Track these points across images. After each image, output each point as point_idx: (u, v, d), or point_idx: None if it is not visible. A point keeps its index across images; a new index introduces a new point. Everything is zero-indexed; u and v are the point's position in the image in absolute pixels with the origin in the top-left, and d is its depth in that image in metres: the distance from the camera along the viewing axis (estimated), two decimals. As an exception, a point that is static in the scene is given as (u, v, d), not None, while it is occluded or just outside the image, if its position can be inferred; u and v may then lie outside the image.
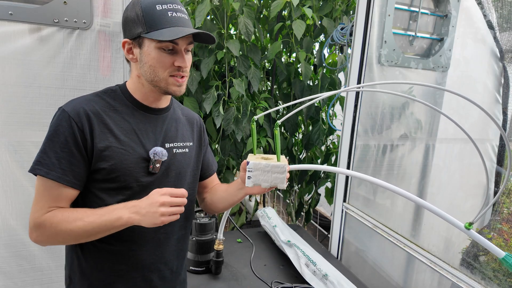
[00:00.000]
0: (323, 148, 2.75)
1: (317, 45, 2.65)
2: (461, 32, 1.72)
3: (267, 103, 2.43)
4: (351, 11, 2.47)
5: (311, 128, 2.68)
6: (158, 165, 0.95)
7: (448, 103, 1.70)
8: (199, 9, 2.01)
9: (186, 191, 0.88)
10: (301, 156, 2.85)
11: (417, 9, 1.73)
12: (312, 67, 2.63)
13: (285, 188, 0.95)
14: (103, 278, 0.97)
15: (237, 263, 1.66)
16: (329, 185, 2.72)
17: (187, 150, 1.05)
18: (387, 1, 1.69)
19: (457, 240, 1.46)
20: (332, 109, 2.63)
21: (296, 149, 2.80)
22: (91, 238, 0.88)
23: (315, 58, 2.53)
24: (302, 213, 2.90)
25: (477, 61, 1.66)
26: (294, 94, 2.56)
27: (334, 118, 2.69)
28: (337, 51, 2.57)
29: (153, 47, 0.89)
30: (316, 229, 3.70)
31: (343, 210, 1.96)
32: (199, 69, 2.18)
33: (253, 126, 0.95)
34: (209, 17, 2.26)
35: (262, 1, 2.55)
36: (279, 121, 0.94)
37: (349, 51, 2.01)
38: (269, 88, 2.74)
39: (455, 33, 1.73)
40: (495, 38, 1.54)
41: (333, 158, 2.67)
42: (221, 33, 2.22)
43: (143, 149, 0.94)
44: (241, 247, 1.84)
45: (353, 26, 1.84)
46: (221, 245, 1.50)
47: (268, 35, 2.65)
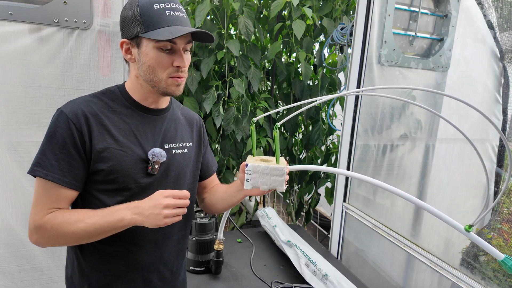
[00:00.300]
0: (323, 148, 2.75)
1: (317, 45, 2.65)
2: (461, 32, 1.71)
3: (267, 103, 2.43)
4: (351, 11, 2.47)
5: (311, 128, 2.68)
6: (157, 166, 0.95)
7: (448, 103, 1.70)
8: (199, 9, 2.01)
9: (188, 192, 0.88)
10: (301, 156, 2.85)
11: (417, 9, 1.73)
12: (312, 67, 2.63)
13: (284, 190, 0.95)
14: (102, 279, 0.97)
15: (237, 263, 1.66)
16: (329, 185, 2.72)
17: (186, 150, 1.05)
18: (387, 1, 1.69)
19: (457, 240, 1.46)
20: (332, 109, 2.63)
21: (296, 149, 2.80)
22: (93, 239, 0.88)
23: (315, 58, 2.52)
24: (302, 213, 2.90)
25: (477, 61, 1.66)
26: (294, 94, 2.56)
27: (334, 118, 2.69)
28: (337, 51, 2.57)
29: (151, 47, 0.89)
30: (316, 229, 3.70)
31: (343, 210, 1.96)
32: (199, 69, 2.17)
33: (253, 127, 0.94)
34: (209, 17, 2.26)
35: (262, 1, 2.54)
36: (279, 123, 0.93)
37: (349, 51, 2.01)
38: (269, 88, 2.74)
39: (455, 33, 1.73)
40: (495, 38, 1.54)
41: (333, 158, 2.67)
42: (221, 33, 2.22)
43: (141, 150, 0.94)
44: (241, 247, 1.84)
45: (353, 26, 1.84)
46: (221, 245, 1.50)
47: (268, 35, 2.65)
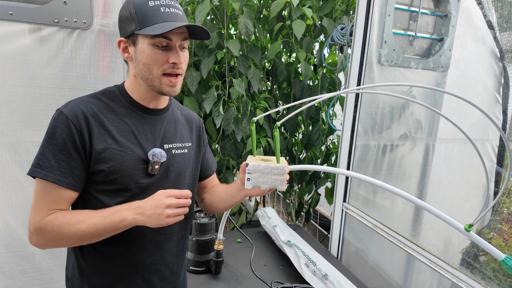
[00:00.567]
0: (323, 148, 2.75)
1: (317, 45, 2.65)
2: (461, 32, 1.72)
3: (267, 103, 2.43)
4: (351, 11, 2.47)
5: (311, 128, 2.68)
6: (157, 167, 0.95)
7: (448, 103, 1.70)
8: (199, 9, 2.01)
9: (190, 192, 0.88)
10: (301, 156, 2.85)
11: (417, 9, 1.73)
12: (312, 67, 2.63)
13: (284, 190, 0.95)
14: (103, 279, 0.96)
15: (237, 263, 1.66)
16: (329, 185, 2.72)
17: (186, 150, 1.05)
18: (387, 1, 1.69)
19: (457, 240, 1.46)
20: (332, 109, 2.63)
21: (296, 149, 2.80)
22: (94, 240, 0.87)
23: (315, 58, 2.52)
24: (302, 213, 2.90)
25: (477, 61, 1.66)
26: (294, 94, 2.56)
27: (334, 118, 2.69)
28: (337, 51, 2.57)
29: (146, 43, 0.88)
30: (316, 229, 3.70)
31: (343, 210, 1.96)
32: (199, 69, 2.17)
33: (253, 128, 0.94)
34: (209, 17, 2.26)
35: (262, 1, 2.54)
36: (279, 122, 0.93)
37: (349, 51, 2.01)
38: (269, 88, 2.74)
39: (455, 33, 1.73)
40: (495, 38, 1.54)
41: (333, 158, 2.67)
42: (221, 33, 2.22)
43: (141, 150, 0.93)
44: (241, 247, 1.84)
45: (353, 26, 1.84)
46: (221, 245, 1.50)
47: (268, 35, 2.65)
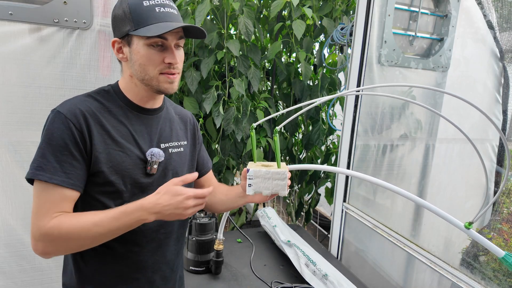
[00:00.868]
0: (323, 148, 2.75)
1: (317, 45, 2.65)
2: (461, 32, 1.72)
3: (267, 103, 2.43)
4: (351, 11, 2.47)
5: (311, 128, 2.67)
6: (155, 166, 0.95)
7: (448, 103, 1.70)
8: (199, 9, 2.01)
9: (208, 191, 0.88)
10: (301, 156, 2.85)
11: (417, 9, 1.73)
12: (312, 67, 2.63)
13: (286, 195, 0.95)
14: (105, 281, 0.96)
15: (237, 263, 1.66)
16: (329, 185, 2.72)
17: (182, 149, 1.04)
18: (387, 1, 1.69)
19: (457, 240, 1.46)
20: (332, 109, 2.63)
21: (296, 149, 2.80)
22: (103, 241, 0.85)
23: (315, 58, 2.52)
24: (302, 213, 2.90)
25: (477, 61, 1.66)
26: (294, 94, 2.56)
27: (334, 118, 2.69)
28: (337, 51, 2.57)
29: (142, 44, 0.87)
30: (316, 229, 3.70)
31: (343, 210, 1.96)
32: (199, 69, 2.18)
33: (252, 133, 0.93)
34: (209, 17, 2.26)
35: (262, 1, 2.55)
36: (278, 127, 0.93)
37: (349, 51, 2.01)
38: (269, 88, 2.74)
39: (455, 33, 1.73)
40: (495, 38, 1.54)
41: (333, 158, 2.67)
42: (221, 33, 2.22)
43: (139, 151, 0.93)
44: (241, 247, 1.84)
45: (353, 26, 1.84)
46: (221, 245, 1.50)
47: (268, 35, 2.65)
